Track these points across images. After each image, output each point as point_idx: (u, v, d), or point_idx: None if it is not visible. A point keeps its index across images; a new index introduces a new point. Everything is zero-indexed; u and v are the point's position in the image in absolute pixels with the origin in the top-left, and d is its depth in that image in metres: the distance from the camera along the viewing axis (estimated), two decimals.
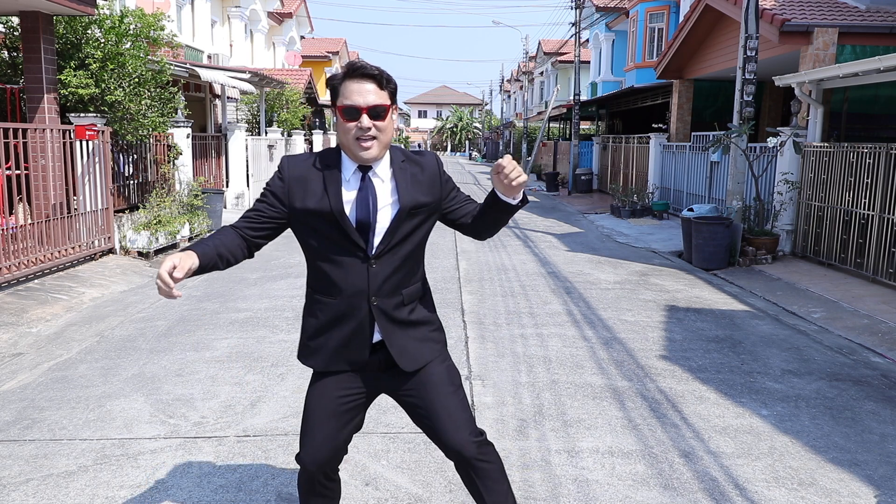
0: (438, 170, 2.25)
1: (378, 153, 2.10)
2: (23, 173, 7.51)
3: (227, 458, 3.51)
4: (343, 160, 2.16)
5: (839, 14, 10.57)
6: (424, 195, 2.19)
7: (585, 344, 5.59)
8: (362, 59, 2.14)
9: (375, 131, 2.07)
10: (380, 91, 2.07)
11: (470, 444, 2.22)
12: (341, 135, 2.10)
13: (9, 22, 8.97)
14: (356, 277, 2.15)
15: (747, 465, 3.52)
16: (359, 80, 2.06)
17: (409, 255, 2.21)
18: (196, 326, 5.99)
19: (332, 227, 2.12)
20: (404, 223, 2.15)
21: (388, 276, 2.17)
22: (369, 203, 2.12)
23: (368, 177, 2.14)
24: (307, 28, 32.88)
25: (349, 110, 2.05)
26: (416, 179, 2.19)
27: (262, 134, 17.89)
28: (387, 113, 2.09)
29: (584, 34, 27.64)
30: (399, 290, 2.20)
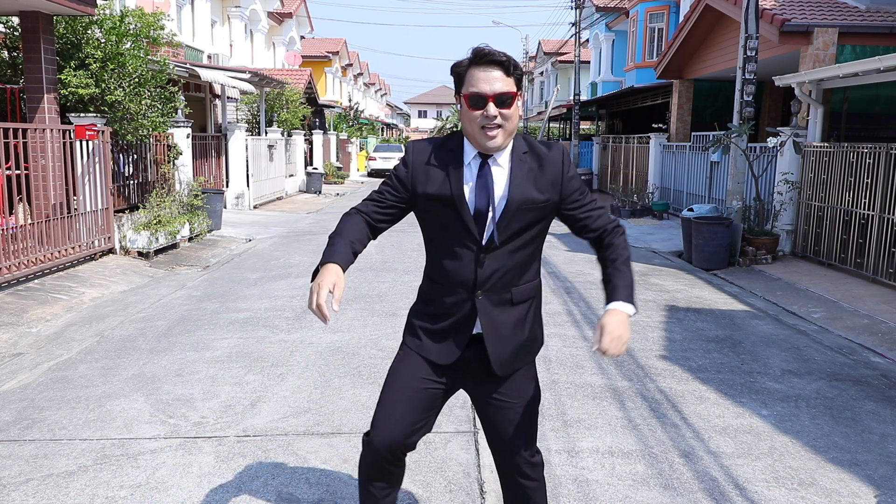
0: (562, 167, 2.12)
1: (503, 142, 2.05)
2: (23, 173, 7.51)
3: (227, 458, 3.51)
4: (465, 146, 2.12)
5: (839, 14, 10.57)
6: (539, 192, 2.09)
7: (585, 344, 5.59)
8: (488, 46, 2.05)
9: (501, 119, 2.01)
10: (506, 78, 2.01)
11: (525, 466, 2.23)
12: (466, 123, 2.06)
13: (9, 22, 8.97)
14: (466, 268, 2.11)
15: (747, 465, 3.52)
16: (485, 67, 2.01)
17: (521, 251, 2.13)
18: (196, 326, 5.99)
19: (450, 213, 2.08)
20: (516, 218, 2.07)
21: (497, 271, 2.11)
22: (487, 191, 2.06)
23: (488, 163, 2.08)
24: (307, 28, 32.87)
25: (475, 98, 2.00)
26: (534, 174, 2.10)
27: (262, 134, 17.90)
28: (513, 100, 2.02)
29: (584, 34, 27.64)
30: (508, 288, 2.14)
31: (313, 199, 19.48)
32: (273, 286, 7.65)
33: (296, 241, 11.12)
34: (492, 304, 2.13)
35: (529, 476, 2.25)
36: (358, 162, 35.17)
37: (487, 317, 2.14)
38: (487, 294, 2.12)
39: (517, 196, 2.07)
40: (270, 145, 17.62)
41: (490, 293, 2.13)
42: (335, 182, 25.88)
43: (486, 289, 2.12)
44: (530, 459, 2.24)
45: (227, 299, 7.03)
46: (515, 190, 2.07)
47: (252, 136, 16.40)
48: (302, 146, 21.92)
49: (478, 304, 2.12)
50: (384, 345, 5.46)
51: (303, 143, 22.12)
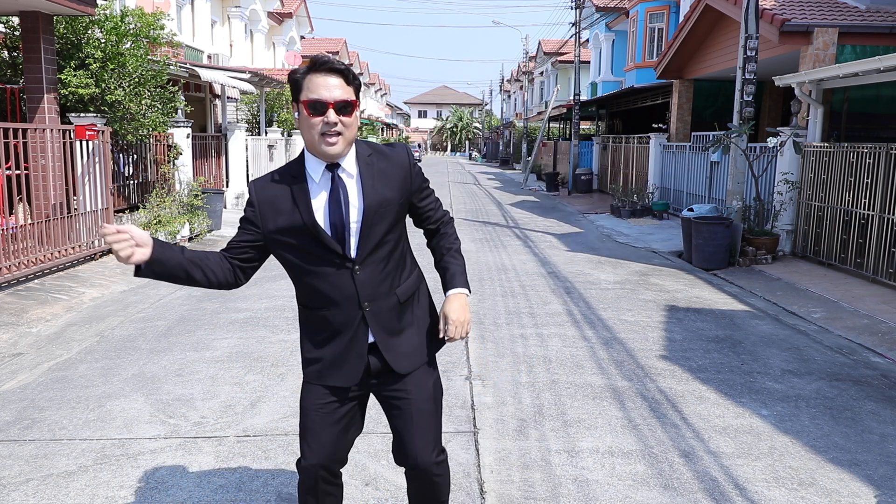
0: (409, 161, 2.17)
1: (343, 149, 2.04)
2: (23, 173, 7.51)
3: (227, 458, 3.51)
4: (308, 165, 2.10)
5: (839, 14, 10.57)
6: (392, 190, 2.11)
7: (585, 344, 5.59)
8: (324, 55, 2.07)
9: (342, 127, 2.01)
10: (346, 86, 2.02)
11: (431, 464, 2.24)
12: (305, 130, 2.04)
13: (9, 22, 8.97)
14: (343, 287, 2.09)
15: (747, 465, 3.52)
16: (325, 74, 2.00)
17: (392, 252, 2.14)
18: (196, 326, 5.99)
19: (307, 239, 2.06)
20: (377, 222, 2.08)
21: (376, 280, 2.11)
22: (341, 203, 2.05)
23: (338, 174, 2.07)
24: (307, 28, 32.87)
25: (315, 104, 1.98)
26: (385, 173, 2.11)
27: (262, 134, 17.90)
28: (353, 109, 2.03)
29: (584, 34, 27.64)
30: (392, 291, 2.15)
31: None
32: (273, 286, 7.65)
33: None
34: (381, 312, 2.14)
35: (436, 474, 2.26)
36: None
37: (379, 325, 2.14)
38: (374, 304, 2.12)
39: (373, 200, 2.07)
40: (270, 145, 17.62)
41: (376, 302, 2.12)
42: None
43: (371, 299, 2.11)
44: (436, 460, 2.25)
45: (227, 299, 7.03)
46: (370, 193, 2.07)
47: (252, 136, 16.41)
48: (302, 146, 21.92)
49: (367, 316, 2.12)
50: None
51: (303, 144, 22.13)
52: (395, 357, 2.17)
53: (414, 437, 2.21)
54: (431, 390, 2.26)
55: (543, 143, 32.34)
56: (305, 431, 2.22)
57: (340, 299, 2.11)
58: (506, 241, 11.33)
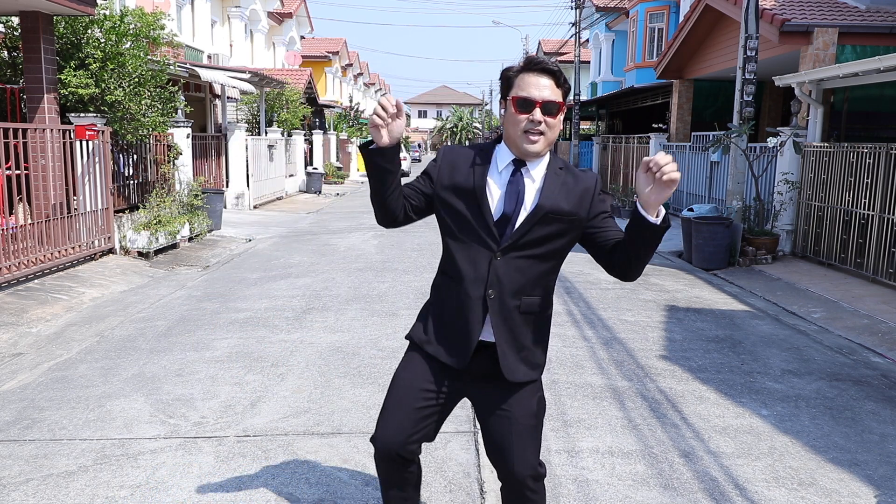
0: (594, 187, 2.17)
1: (542, 149, 2.08)
2: (23, 173, 7.51)
3: (227, 458, 3.51)
4: (498, 151, 2.15)
5: (839, 14, 10.57)
6: (568, 204, 2.12)
7: (585, 344, 5.59)
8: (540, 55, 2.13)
9: (545, 126, 2.05)
10: (556, 89, 2.05)
11: (528, 479, 2.21)
12: (510, 126, 2.08)
13: (9, 22, 8.97)
14: (479, 266, 2.12)
15: (747, 465, 3.52)
16: (537, 73, 2.05)
17: (538, 261, 2.14)
18: (196, 326, 5.99)
19: (469, 205, 2.11)
20: (539, 225, 2.10)
21: (510, 274, 2.11)
22: (517, 196, 2.10)
23: (521, 172, 2.12)
24: (307, 28, 32.88)
25: (523, 102, 2.03)
26: (567, 188, 2.13)
27: (262, 134, 17.90)
28: (559, 111, 2.06)
29: (584, 34, 27.65)
30: (519, 295, 2.14)
31: (313, 199, 19.48)
32: (273, 286, 7.65)
33: (296, 241, 11.12)
34: (502, 305, 2.13)
35: (532, 489, 2.24)
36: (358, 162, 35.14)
37: (498, 317, 2.14)
38: (499, 295, 2.12)
39: (546, 203, 2.10)
40: (270, 145, 17.62)
41: (501, 295, 2.12)
42: (335, 182, 25.88)
43: (498, 289, 2.12)
44: (535, 472, 2.22)
45: (227, 299, 7.03)
46: (546, 198, 2.10)
47: (252, 136, 16.40)
48: (302, 146, 21.91)
49: (489, 302, 2.13)
50: (384, 345, 5.46)
51: (303, 143, 22.12)
52: (504, 356, 2.15)
53: (512, 454, 2.20)
54: (535, 407, 2.24)
55: None
56: (385, 407, 2.23)
57: (471, 277, 2.13)
58: None
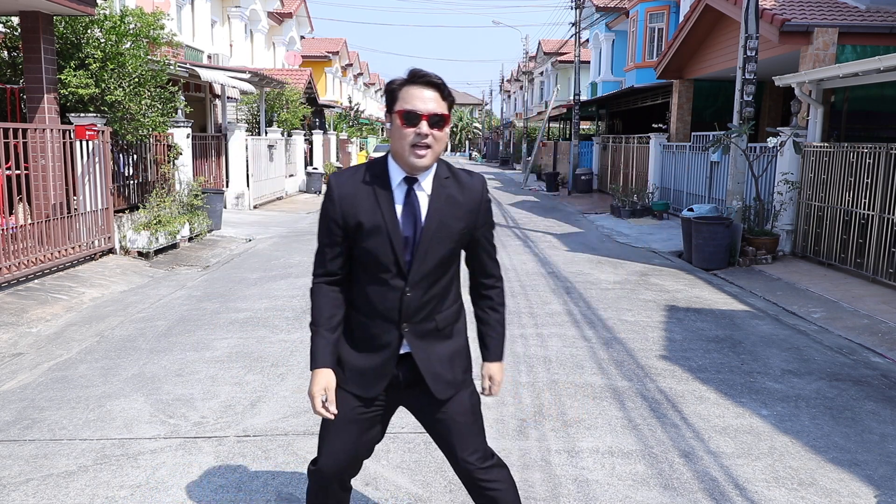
0: (481, 195, 2.17)
1: (429, 163, 2.06)
2: (23, 173, 7.51)
3: (227, 458, 3.51)
4: (390, 170, 2.11)
5: (839, 14, 10.57)
6: (456, 219, 2.12)
7: (585, 344, 5.59)
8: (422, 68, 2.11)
9: (432, 140, 2.03)
10: (441, 101, 2.04)
11: (477, 470, 2.23)
12: (396, 140, 2.05)
13: (9, 22, 8.97)
14: (390, 299, 2.11)
15: (747, 465, 3.52)
16: (421, 86, 2.03)
17: (442, 277, 2.15)
18: (196, 326, 5.99)
19: (381, 241, 2.07)
20: (434, 244, 2.09)
21: (421, 302, 2.12)
22: (414, 217, 2.08)
23: (413, 189, 2.09)
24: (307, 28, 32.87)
25: (409, 115, 2.01)
26: (453, 201, 2.12)
27: (262, 134, 17.89)
28: (445, 123, 2.06)
29: (584, 34, 27.63)
30: (433, 316, 2.16)
31: (313, 199, 19.47)
32: (273, 286, 7.65)
33: (296, 241, 11.11)
34: (418, 335, 2.15)
35: (487, 481, 2.25)
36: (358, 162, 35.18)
37: (416, 343, 2.15)
38: (413, 326, 2.13)
39: (435, 222, 2.08)
40: (270, 145, 17.61)
41: (415, 324, 2.14)
42: None
43: (412, 320, 2.13)
44: (482, 466, 2.24)
45: (227, 299, 7.03)
46: (434, 215, 2.09)
47: (252, 136, 16.40)
48: (302, 146, 21.91)
49: (405, 335, 2.14)
50: None
51: (303, 143, 22.11)
52: (434, 380, 2.18)
53: (455, 447, 2.23)
54: (469, 403, 2.26)
55: (543, 143, 32.34)
56: (324, 434, 2.24)
57: (383, 310, 2.13)
58: (506, 241, 11.33)
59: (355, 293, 2.18)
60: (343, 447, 2.22)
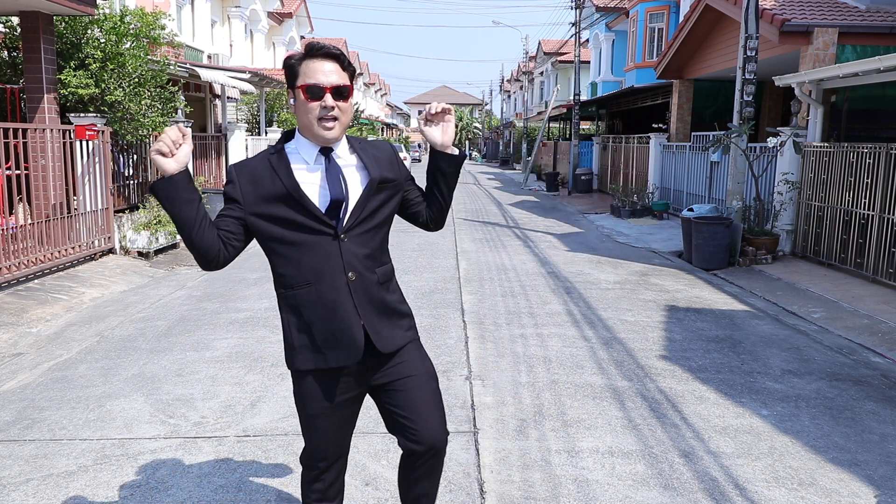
0: (395, 154, 2.26)
1: (338, 134, 2.09)
2: (23, 173, 7.51)
3: (227, 458, 3.51)
4: (301, 148, 2.13)
5: (839, 14, 10.57)
6: (389, 172, 2.19)
7: (585, 344, 5.59)
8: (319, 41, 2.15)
9: (338, 111, 2.06)
10: (342, 72, 2.06)
11: (443, 440, 2.24)
12: (302, 115, 2.07)
13: (9, 22, 8.97)
14: (329, 256, 2.09)
15: (747, 465, 3.52)
16: (321, 59, 2.05)
17: (378, 231, 2.18)
18: (196, 326, 5.99)
19: (292, 207, 2.06)
20: (373, 197, 2.14)
21: (361, 253, 2.12)
22: (340, 180, 2.09)
23: (332, 157, 2.12)
24: (307, 28, 32.85)
25: (312, 89, 2.02)
26: (378, 159, 2.19)
27: (262, 134, 17.90)
28: (349, 94, 2.08)
29: (584, 34, 27.63)
30: (373, 269, 2.16)
31: None
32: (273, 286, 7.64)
33: None
34: (363, 283, 2.13)
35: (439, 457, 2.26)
36: None
37: (363, 296, 2.14)
38: (358, 276, 2.12)
39: (376, 174, 2.14)
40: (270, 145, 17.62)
41: (360, 275, 2.12)
42: None
43: (355, 270, 2.12)
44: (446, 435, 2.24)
45: (227, 299, 7.03)
46: (374, 169, 2.15)
47: (252, 136, 16.40)
48: None
49: (351, 285, 2.11)
50: None
51: None
52: (378, 337, 2.15)
53: (428, 416, 2.21)
54: (427, 368, 2.27)
55: (543, 143, 32.34)
56: (311, 431, 2.22)
57: (325, 269, 2.09)
58: (506, 241, 11.33)
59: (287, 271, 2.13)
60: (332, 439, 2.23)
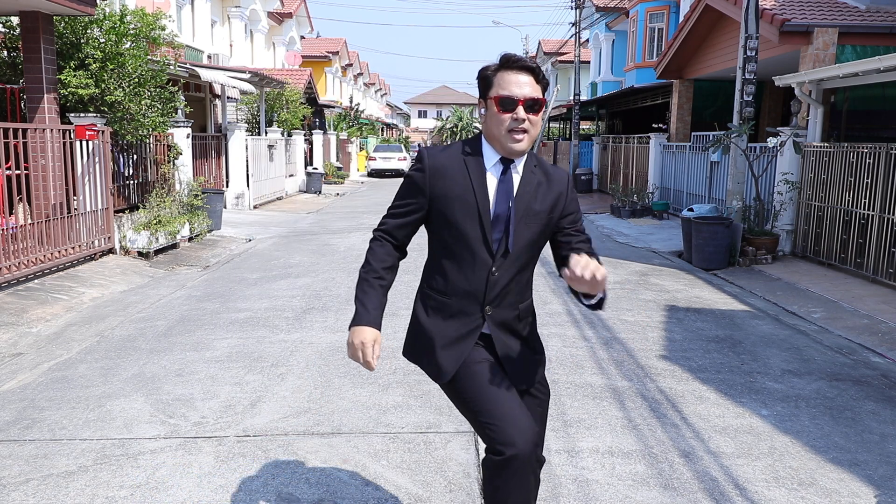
0: (567, 187, 2.17)
1: (527, 147, 2.07)
2: (23, 173, 7.51)
3: (227, 458, 3.51)
4: (485, 150, 2.11)
5: (839, 14, 10.57)
6: (540, 204, 2.10)
7: (585, 344, 5.59)
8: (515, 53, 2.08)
9: (528, 124, 2.03)
10: (535, 85, 2.03)
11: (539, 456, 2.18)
12: (493, 126, 2.05)
13: (9, 22, 8.97)
14: (477, 280, 2.07)
15: (747, 465, 3.52)
16: (516, 71, 2.02)
17: (526, 266, 2.14)
18: (196, 326, 5.99)
19: (470, 218, 2.05)
20: (526, 226, 2.08)
21: (506, 286, 2.10)
22: (507, 196, 2.06)
23: (510, 170, 2.08)
24: (307, 28, 32.86)
25: (506, 101, 2.00)
26: (540, 188, 2.12)
27: (262, 134, 17.90)
28: (541, 107, 2.05)
29: (584, 34, 27.63)
30: (515, 304, 2.14)
31: (313, 199, 19.47)
32: (273, 286, 7.65)
33: (296, 241, 11.11)
34: (500, 319, 2.12)
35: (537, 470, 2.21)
36: (358, 162, 35.19)
37: (496, 332, 2.13)
38: (496, 310, 2.11)
39: (524, 205, 2.08)
40: (270, 145, 17.62)
41: (499, 309, 2.11)
42: (335, 182, 25.88)
43: (496, 304, 2.10)
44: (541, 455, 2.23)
45: (227, 299, 7.03)
46: (523, 198, 2.08)
47: (252, 136, 16.40)
48: (302, 146, 21.91)
49: (487, 318, 2.11)
50: (384, 345, 5.46)
51: (303, 143, 22.11)
52: (516, 373, 2.16)
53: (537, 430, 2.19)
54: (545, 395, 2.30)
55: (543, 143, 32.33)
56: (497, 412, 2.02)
57: (468, 292, 2.09)
58: None
59: (435, 275, 2.14)
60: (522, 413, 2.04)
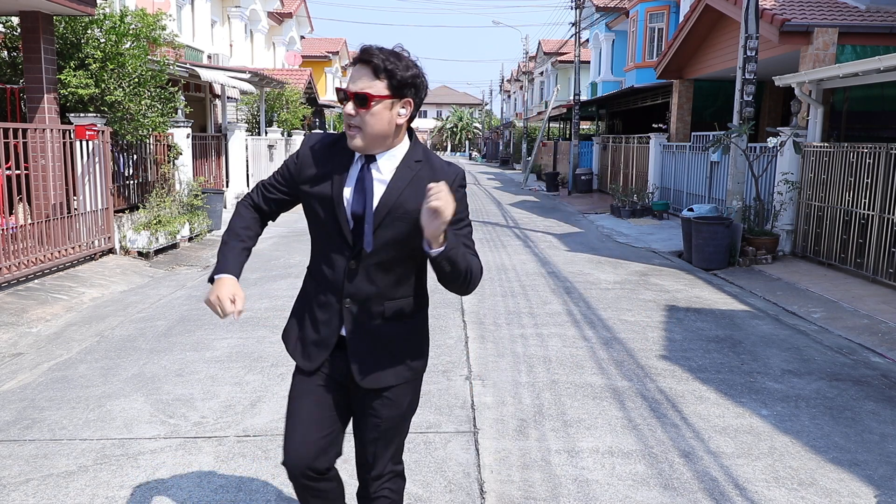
0: (453, 184, 1.97)
1: (361, 144, 1.93)
2: (23, 173, 7.51)
3: (227, 458, 3.51)
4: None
5: (839, 14, 10.57)
6: (413, 203, 1.93)
7: (585, 344, 5.59)
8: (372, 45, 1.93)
9: (358, 120, 1.89)
10: (373, 80, 1.87)
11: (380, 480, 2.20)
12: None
13: (9, 22, 8.97)
14: (337, 273, 2.04)
15: (747, 465, 3.52)
16: (358, 64, 1.92)
17: (396, 264, 2.02)
18: (196, 326, 5.99)
19: (328, 213, 2.01)
20: (388, 226, 1.97)
21: (367, 281, 2.02)
22: (364, 195, 1.97)
23: (368, 167, 1.98)
24: (307, 28, 32.87)
25: (339, 92, 1.92)
26: (418, 184, 1.95)
27: (262, 134, 17.90)
28: (370, 101, 1.87)
29: (584, 34, 27.64)
30: (381, 301, 2.04)
31: None
32: (273, 286, 7.65)
33: (296, 241, 11.11)
34: (360, 314, 2.05)
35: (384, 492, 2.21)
36: None
37: (353, 326, 2.06)
38: (356, 304, 2.04)
39: (389, 200, 1.96)
40: (270, 145, 17.62)
41: (359, 303, 2.04)
42: None
43: (355, 298, 2.04)
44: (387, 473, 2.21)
45: None
46: (390, 196, 1.96)
47: (252, 136, 16.41)
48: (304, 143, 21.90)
49: (344, 311, 2.05)
50: None
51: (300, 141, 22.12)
52: (359, 366, 2.06)
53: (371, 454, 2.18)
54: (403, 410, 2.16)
55: (543, 143, 32.34)
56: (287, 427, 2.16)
57: (329, 283, 2.07)
58: (506, 241, 11.33)
59: (311, 261, 2.15)
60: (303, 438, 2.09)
